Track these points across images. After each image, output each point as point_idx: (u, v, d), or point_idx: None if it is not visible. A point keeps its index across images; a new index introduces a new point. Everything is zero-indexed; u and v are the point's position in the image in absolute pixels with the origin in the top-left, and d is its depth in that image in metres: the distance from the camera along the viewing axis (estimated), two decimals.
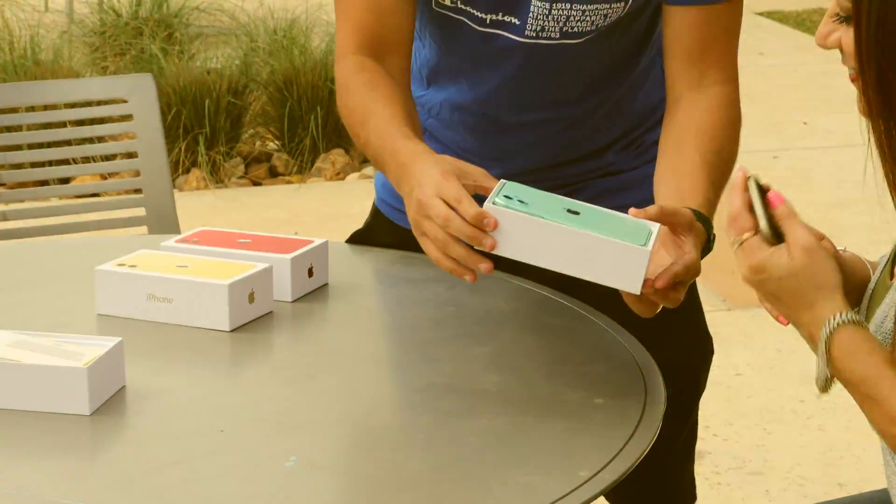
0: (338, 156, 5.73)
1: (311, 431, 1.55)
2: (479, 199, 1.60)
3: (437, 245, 1.60)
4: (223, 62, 5.78)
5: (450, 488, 1.42)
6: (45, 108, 3.13)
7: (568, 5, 1.84)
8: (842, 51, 1.46)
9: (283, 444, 1.50)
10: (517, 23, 1.89)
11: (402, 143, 1.78)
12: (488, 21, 1.90)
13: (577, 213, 1.61)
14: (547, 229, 1.57)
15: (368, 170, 5.82)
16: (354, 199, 5.64)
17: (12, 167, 3.15)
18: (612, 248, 1.53)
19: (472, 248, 1.55)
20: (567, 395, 1.61)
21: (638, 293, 1.58)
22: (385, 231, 2.21)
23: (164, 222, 2.74)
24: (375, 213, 2.29)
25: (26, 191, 3.11)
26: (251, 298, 1.75)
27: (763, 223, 1.44)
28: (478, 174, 1.68)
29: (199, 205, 5.06)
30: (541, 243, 1.57)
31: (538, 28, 1.89)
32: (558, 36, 1.90)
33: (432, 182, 1.61)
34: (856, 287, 1.59)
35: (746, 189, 1.45)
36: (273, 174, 5.71)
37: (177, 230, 2.39)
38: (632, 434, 1.48)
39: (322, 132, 5.74)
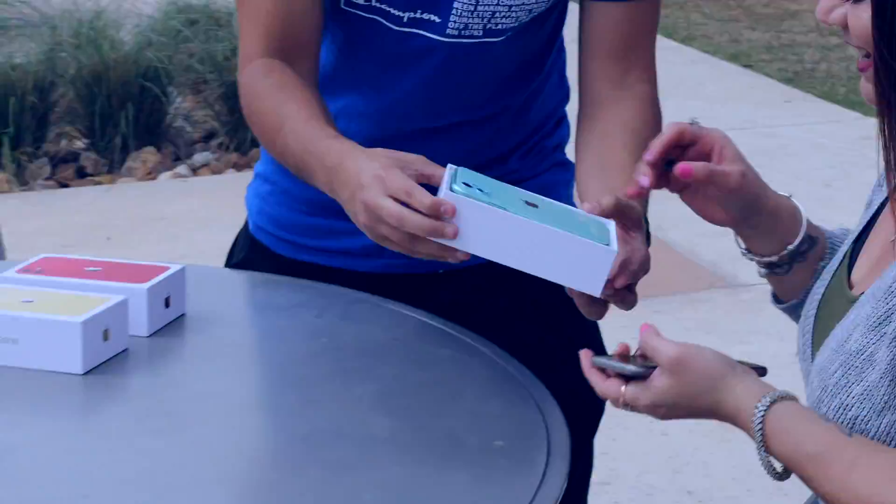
0: (149, 154, 5.55)
1: (188, 494, 1.37)
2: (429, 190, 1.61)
3: (403, 248, 1.52)
4: (28, 57, 5.60)
5: None
6: None
7: (492, 5, 1.80)
8: (846, 29, 1.38)
9: None
10: (438, 20, 1.80)
11: (326, 143, 1.67)
12: (406, 19, 1.81)
13: (535, 205, 1.54)
14: (510, 223, 1.48)
15: (182, 168, 5.64)
16: (168, 200, 5.57)
17: None
18: (579, 247, 1.46)
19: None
20: (465, 439, 1.49)
21: (598, 295, 1.52)
22: (267, 261, 2.07)
23: None
24: (252, 242, 2.13)
25: None
26: (105, 336, 1.59)
27: (629, 370, 1.42)
28: (418, 162, 1.57)
29: (3, 209, 4.85)
30: (501, 237, 1.48)
31: (461, 26, 1.81)
32: (481, 34, 1.83)
33: (374, 179, 1.51)
34: (784, 224, 1.59)
35: (594, 367, 1.43)
36: (81, 175, 5.55)
37: None
38: (540, 482, 1.37)
39: (133, 130, 5.54)
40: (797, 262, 1.60)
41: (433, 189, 1.52)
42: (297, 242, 2.08)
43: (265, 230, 2.10)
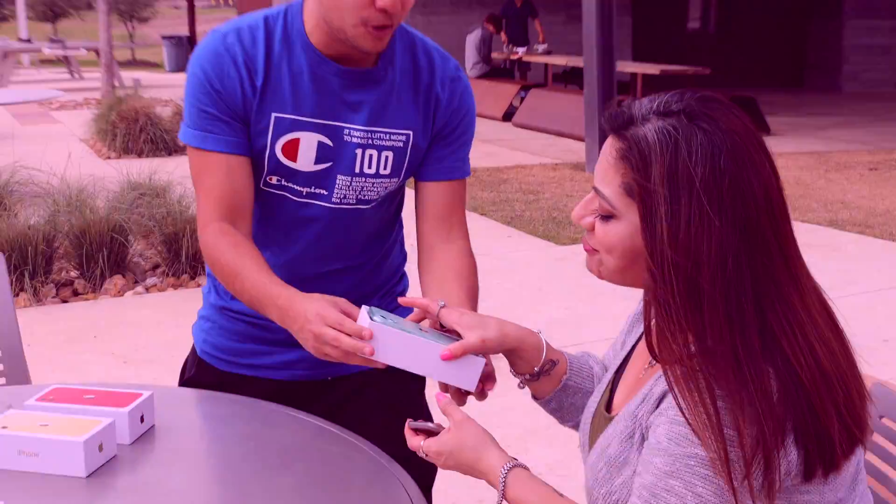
0: (118, 279, 6.48)
1: None
2: None
3: (340, 360, 1.84)
4: (38, 219, 6.60)
5: None
6: None
7: (362, 179, 2.11)
8: (590, 232, 1.64)
9: None
10: (325, 193, 2.11)
11: (277, 289, 1.99)
12: (304, 193, 2.12)
13: (426, 331, 1.84)
14: (412, 341, 1.79)
15: (139, 288, 6.49)
16: (133, 309, 6.12)
17: None
18: (461, 357, 1.80)
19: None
20: None
21: (472, 390, 1.86)
22: (210, 375, 2.37)
23: (15, 363, 2.94)
24: (199, 363, 2.41)
25: None
26: (100, 448, 1.86)
27: (431, 427, 1.81)
28: (341, 302, 1.87)
29: (26, 318, 5.14)
30: (405, 352, 1.79)
31: (341, 196, 2.13)
32: (355, 202, 2.14)
33: (317, 315, 1.85)
34: (528, 355, 1.90)
35: (410, 428, 1.85)
36: (75, 294, 6.39)
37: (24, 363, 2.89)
38: None
39: (107, 264, 6.53)
40: (543, 377, 1.92)
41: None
42: (231, 361, 2.38)
43: (209, 353, 2.39)
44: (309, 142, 2.11)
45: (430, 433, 1.79)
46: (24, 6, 31.94)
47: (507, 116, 15.19)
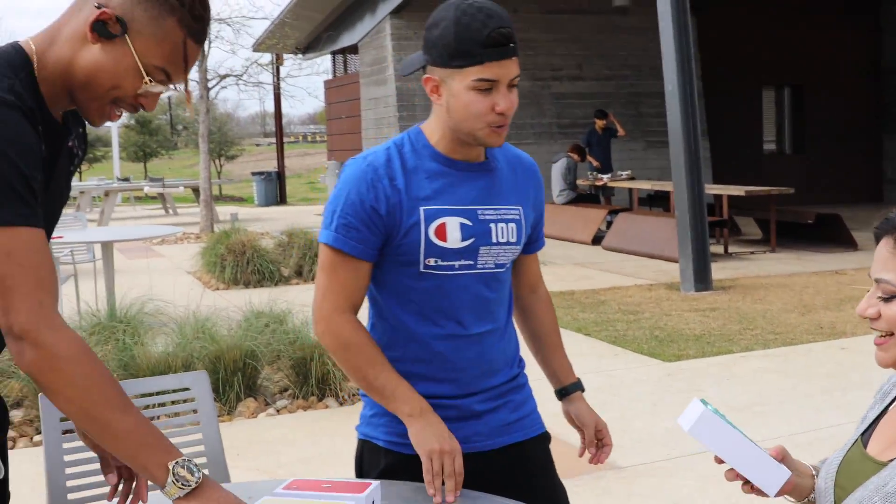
0: (251, 402, 6.79)
1: None
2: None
3: (446, 476, 2.38)
4: (171, 347, 6.89)
5: None
6: None
7: (497, 247, 2.62)
8: (878, 319, 1.94)
9: None
10: (472, 263, 2.60)
11: (409, 394, 2.55)
12: (457, 266, 2.57)
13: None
14: (736, 435, 2.15)
15: (271, 410, 6.75)
16: (266, 429, 6.37)
17: None
18: (771, 464, 2.12)
19: None
20: None
21: (773, 495, 2.16)
22: (399, 461, 2.71)
23: (219, 469, 3.25)
24: (387, 454, 2.76)
25: None
26: None
27: None
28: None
29: None
30: (727, 441, 2.13)
31: (483, 263, 2.62)
32: (493, 267, 2.65)
33: (447, 441, 2.45)
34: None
35: None
36: None
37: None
38: None
39: (240, 388, 6.84)
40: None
41: None
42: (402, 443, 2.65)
43: (397, 442, 2.70)
44: (453, 224, 2.55)
45: None
46: (117, 148, 33.14)
47: (596, 240, 15.52)
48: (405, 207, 2.53)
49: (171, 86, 2.11)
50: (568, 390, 2.88)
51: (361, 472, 2.77)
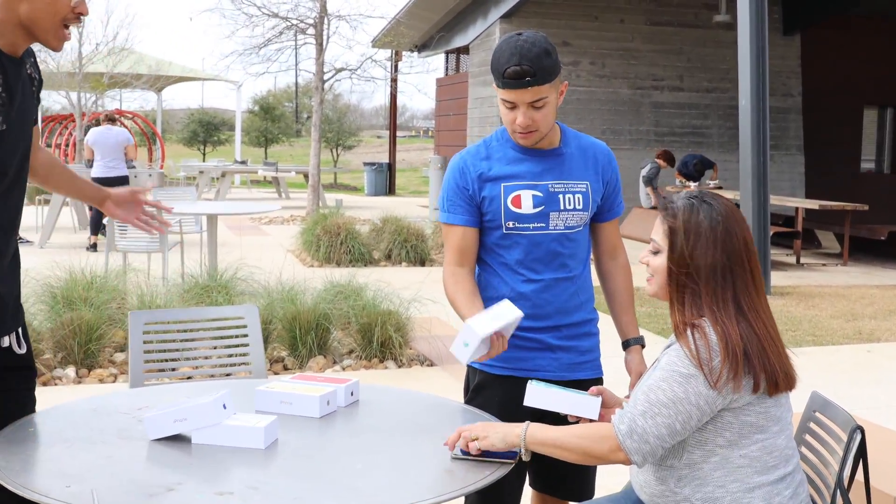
0: (321, 359, 7.61)
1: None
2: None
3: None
4: (259, 306, 6.88)
5: None
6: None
7: (566, 213, 3.39)
8: (649, 266, 2.84)
9: None
10: (545, 225, 3.40)
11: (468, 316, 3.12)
12: (531, 228, 3.41)
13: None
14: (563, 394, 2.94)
15: (337, 367, 7.55)
16: None
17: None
18: (587, 400, 2.95)
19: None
20: None
21: (595, 418, 2.95)
22: (484, 378, 3.54)
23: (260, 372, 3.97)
24: (475, 371, 3.55)
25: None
26: (328, 403, 3.15)
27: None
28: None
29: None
30: (558, 400, 2.94)
31: (554, 225, 3.40)
32: (563, 229, 3.43)
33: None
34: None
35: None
36: (285, 368, 7.51)
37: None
38: None
39: (312, 347, 7.67)
40: None
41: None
42: (500, 365, 3.47)
43: (484, 364, 3.46)
44: (527, 195, 3.39)
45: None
46: (240, 132, 34.54)
47: None
48: (488, 185, 3.39)
49: None
50: (629, 343, 3.56)
51: (466, 388, 3.60)
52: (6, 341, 2.94)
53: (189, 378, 4.04)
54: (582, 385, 3.42)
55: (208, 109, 53.93)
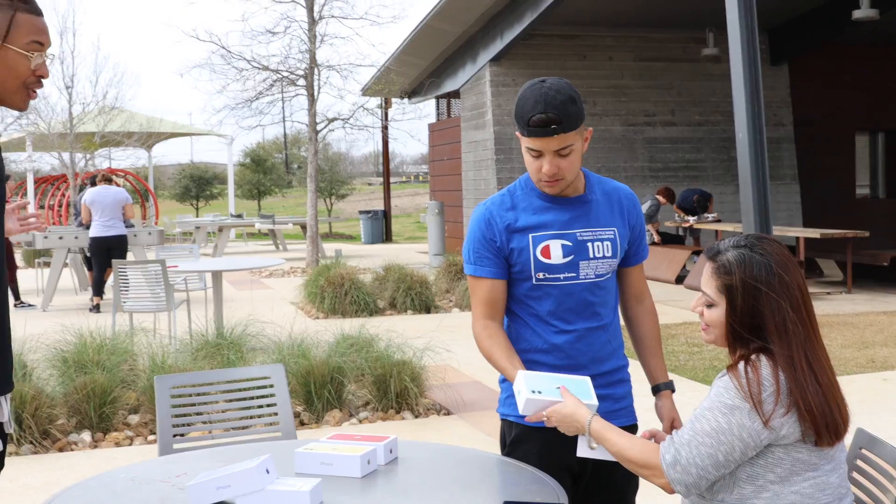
0: (336, 413, 7.58)
1: None
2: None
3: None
4: (271, 362, 7.34)
5: None
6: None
7: (595, 261, 3.35)
8: (703, 317, 2.80)
9: None
10: (575, 275, 3.35)
11: (510, 371, 3.22)
12: (562, 278, 3.35)
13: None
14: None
15: (353, 420, 7.50)
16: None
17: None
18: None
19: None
20: None
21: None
22: (523, 431, 3.47)
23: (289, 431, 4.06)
24: (515, 425, 3.49)
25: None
26: (368, 462, 3.12)
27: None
28: None
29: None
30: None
31: (584, 275, 3.36)
32: (594, 277, 3.38)
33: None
34: None
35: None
36: (301, 424, 7.45)
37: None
38: None
39: (327, 401, 7.64)
40: None
41: None
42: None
43: (516, 416, 3.45)
44: (556, 245, 3.34)
45: None
46: (233, 186, 34.60)
47: (680, 279, 16.20)
48: (516, 236, 3.34)
49: (48, 51, 2.91)
50: (659, 388, 3.52)
51: (504, 442, 3.52)
52: (4, 412, 2.91)
53: (214, 439, 3.98)
54: None
55: (199, 164, 53.97)
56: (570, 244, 3.33)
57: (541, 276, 3.34)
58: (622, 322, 3.60)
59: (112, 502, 2.90)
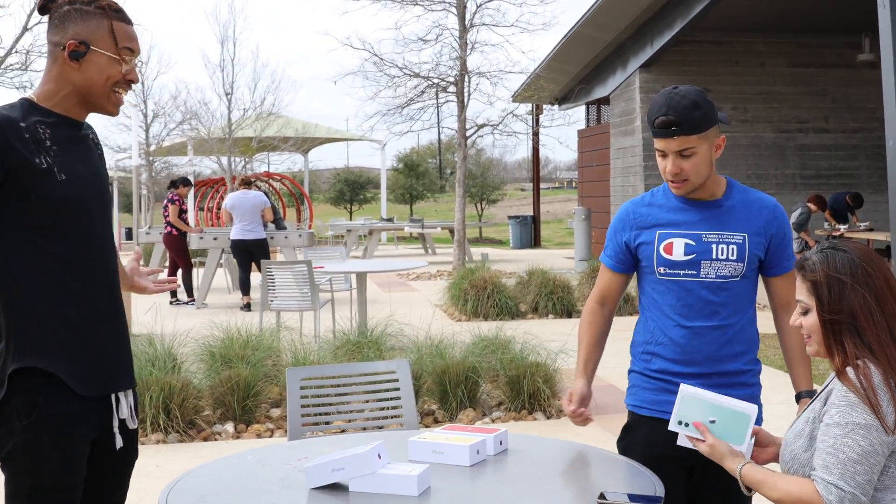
0: (470, 411, 7.73)
1: None
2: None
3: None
4: (409, 362, 7.00)
5: None
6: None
7: (717, 262, 3.46)
8: (803, 328, 2.88)
9: None
10: (695, 273, 3.49)
11: (580, 366, 3.61)
12: (682, 274, 3.52)
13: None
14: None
15: (486, 420, 7.66)
16: None
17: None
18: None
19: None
20: None
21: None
22: (637, 420, 3.66)
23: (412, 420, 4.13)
24: (630, 414, 3.65)
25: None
26: (478, 452, 3.25)
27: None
28: None
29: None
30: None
31: (705, 273, 3.49)
32: (715, 277, 3.48)
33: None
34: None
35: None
36: (436, 421, 7.65)
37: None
38: None
39: (468, 399, 7.81)
40: None
41: None
42: (649, 408, 3.61)
43: (636, 406, 3.67)
44: (679, 243, 3.51)
45: None
46: (385, 190, 35.16)
47: None
48: (645, 232, 3.56)
49: (138, 57, 3.12)
50: (800, 395, 3.56)
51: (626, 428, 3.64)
52: (124, 410, 3.08)
53: (343, 431, 4.19)
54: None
55: (353, 169, 54.92)
56: (694, 243, 3.49)
57: (662, 270, 3.53)
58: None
59: (235, 482, 3.07)
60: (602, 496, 2.80)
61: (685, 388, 3.05)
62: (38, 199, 2.88)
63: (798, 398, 3.55)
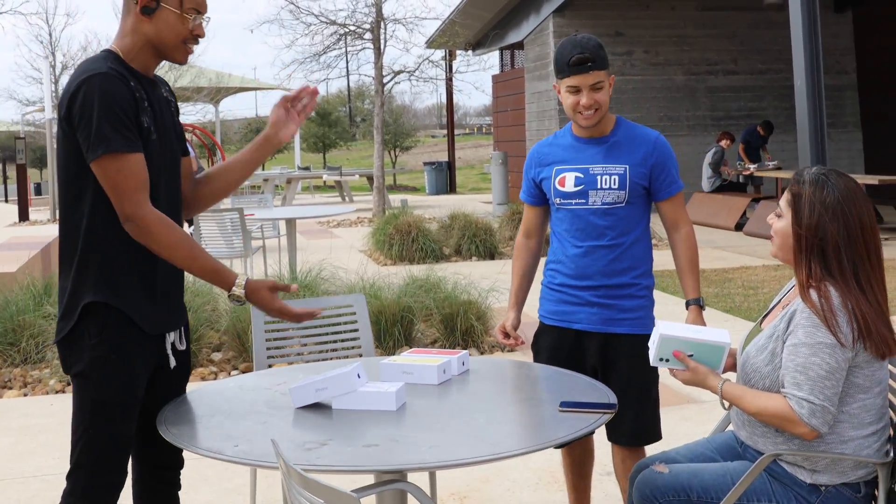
0: (406, 350, 7.87)
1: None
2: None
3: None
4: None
5: None
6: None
7: (602, 191, 3.96)
8: (771, 227, 3.16)
9: None
10: (584, 201, 4.00)
11: (510, 308, 4.21)
12: (573, 203, 4.05)
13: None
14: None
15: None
16: None
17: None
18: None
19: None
20: None
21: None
22: (542, 329, 4.16)
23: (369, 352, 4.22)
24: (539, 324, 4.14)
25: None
26: (444, 371, 3.56)
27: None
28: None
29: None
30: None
31: (592, 202, 3.99)
32: (600, 204, 3.98)
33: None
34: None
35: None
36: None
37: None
38: None
39: (398, 338, 8.21)
40: None
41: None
42: (550, 318, 4.13)
43: (543, 316, 4.15)
44: (570, 176, 4.04)
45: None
46: (298, 139, 35.11)
47: (739, 227, 16.47)
48: (545, 168, 4.10)
49: (206, 14, 3.34)
50: (688, 303, 4.08)
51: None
52: (171, 336, 3.34)
53: (304, 361, 4.48)
54: (621, 339, 4.06)
55: (264, 118, 54.57)
56: (582, 176, 4.02)
57: (558, 201, 4.06)
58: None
59: (225, 405, 3.34)
60: (563, 405, 3.10)
61: (663, 333, 3.27)
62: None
63: (687, 305, 4.07)
